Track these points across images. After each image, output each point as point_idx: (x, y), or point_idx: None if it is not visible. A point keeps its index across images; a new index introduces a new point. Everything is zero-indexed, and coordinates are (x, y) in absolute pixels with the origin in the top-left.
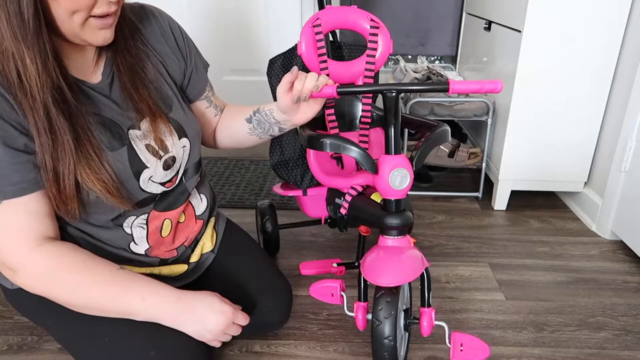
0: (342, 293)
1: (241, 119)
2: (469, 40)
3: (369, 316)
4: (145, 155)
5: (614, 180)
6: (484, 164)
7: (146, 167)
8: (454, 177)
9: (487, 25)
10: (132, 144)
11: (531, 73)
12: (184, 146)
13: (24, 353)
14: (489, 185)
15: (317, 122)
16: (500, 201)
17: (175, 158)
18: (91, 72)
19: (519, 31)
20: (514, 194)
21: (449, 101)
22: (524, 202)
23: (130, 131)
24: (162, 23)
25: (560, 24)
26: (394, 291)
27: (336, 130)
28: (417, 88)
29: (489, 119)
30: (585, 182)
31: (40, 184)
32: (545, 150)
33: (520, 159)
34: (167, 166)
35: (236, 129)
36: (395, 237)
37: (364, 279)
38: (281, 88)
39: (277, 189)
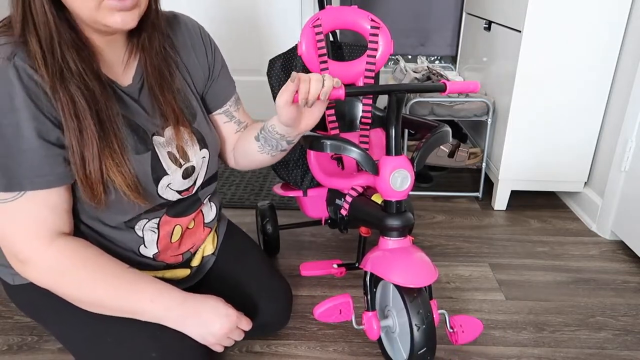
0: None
1: (251, 137)
2: (469, 40)
3: (383, 323)
4: (166, 162)
5: (614, 180)
6: (484, 164)
7: (166, 173)
8: (454, 177)
9: (487, 25)
10: (156, 149)
11: (531, 73)
12: (204, 157)
13: (24, 353)
14: (489, 185)
15: (317, 123)
16: (500, 201)
17: (194, 167)
18: (122, 73)
19: (519, 31)
20: (514, 194)
21: (449, 101)
22: (524, 202)
23: (155, 137)
24: (192, 34)
25: (560, 24)
26: (424, 291)
27: (337, 131)
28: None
29: (489, 119)
30: (585, 182)
31: (65, 178)
32: (545, 150)
33: (520, 159)
34: (186, 174)
35: (249, 147)
36: (396, 239)
37: (372, 286)
38: (282, 100)
39: (278, 189)
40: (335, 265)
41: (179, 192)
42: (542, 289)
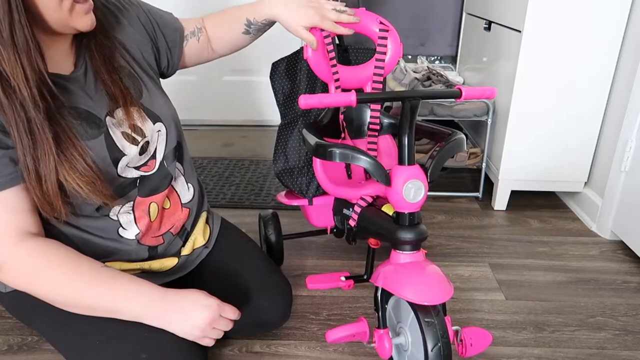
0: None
1: (238, 33)
2: (469, 40)
3: (394, 341)
4: (122, 143)
5: (614, 180)
6: (484, 164)
7: (124, 154)
8: (454, 177)
9: (487, 25)
10: (109, 131)
11: (531, 73)
12: (159, 130)
13: (24, 353)
14: (489, 185)
15: (325, 129)
16: (500, 201)
17: (149, 142)
18: (63, 63)
19: (519, 31)
20: (514, 194)
21: (449, 101)
22: (524, 202)
23: (107, 118)
24: (123, 11)
25: (560, 24)
26: (439, 308)
27: (347, 138)
28: (431, 94)
29: (489, 119)
30: (585, 182)
31: (18, 178)
32: (545, 150)
33: (520, 159)
34: (142, 150)
35: (235, 41)
36: (409, 252)
37: (383, 302)
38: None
39: (282, 197)
40: (343, 278)
41: (137, 168)
42: (542, 289)
